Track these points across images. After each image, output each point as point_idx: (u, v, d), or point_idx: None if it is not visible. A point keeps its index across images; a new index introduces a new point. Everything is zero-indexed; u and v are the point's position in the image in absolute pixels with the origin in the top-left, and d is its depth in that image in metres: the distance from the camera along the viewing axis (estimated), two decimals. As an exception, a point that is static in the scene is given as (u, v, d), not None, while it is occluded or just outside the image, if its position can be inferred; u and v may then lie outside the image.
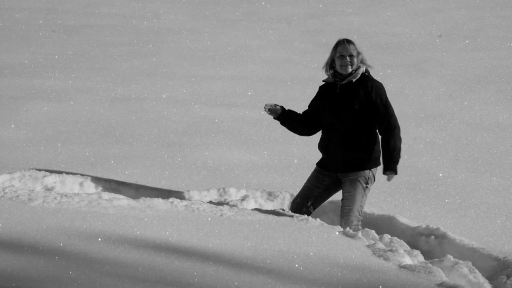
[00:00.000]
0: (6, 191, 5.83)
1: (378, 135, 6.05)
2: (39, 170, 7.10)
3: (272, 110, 6.13)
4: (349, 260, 4.94)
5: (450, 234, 6.16)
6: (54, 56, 15.05)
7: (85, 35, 17.88)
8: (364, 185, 5.99)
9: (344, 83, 5.98)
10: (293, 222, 5.70)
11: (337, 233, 5.56)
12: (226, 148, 8.80)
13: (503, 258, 5.68)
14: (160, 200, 5.93)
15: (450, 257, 5.41)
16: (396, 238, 5.80)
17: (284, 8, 23.24)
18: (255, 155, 8.58)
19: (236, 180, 7.48)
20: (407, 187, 7.58)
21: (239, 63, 15.20)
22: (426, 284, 4.64)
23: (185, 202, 5.95)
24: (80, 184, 6.99)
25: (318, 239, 5.31)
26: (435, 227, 6.28)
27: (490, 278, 5.40)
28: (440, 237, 6.16)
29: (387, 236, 5.77)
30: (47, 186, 6.85)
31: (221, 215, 5.71)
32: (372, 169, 6.03)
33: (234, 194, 7.04)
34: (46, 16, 20.25)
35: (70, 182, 6.98)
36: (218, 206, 5.98)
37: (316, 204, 6.21)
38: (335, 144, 6.04)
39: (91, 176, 7.10)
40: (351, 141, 5.97)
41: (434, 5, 23.80)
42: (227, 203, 6.69)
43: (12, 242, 4.65)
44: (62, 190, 6.82)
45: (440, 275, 4.83)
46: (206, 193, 7.01)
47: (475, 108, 11.81)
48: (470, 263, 5.39)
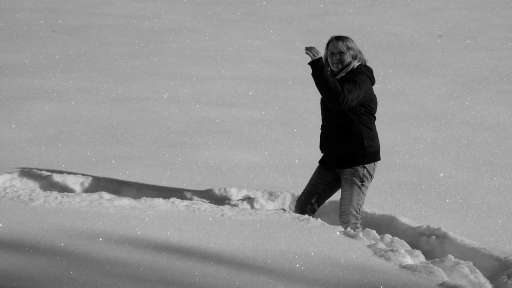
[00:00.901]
0: (7, 191, 5.83)
1: (374, 131, 6.02)
2: (40, 170, 7.11)
3: (315, 51, 5.80)
4: (350, 260, 4.94)
5: (451, 234, 6.16)
6: (55, 56, 15.06)
7: (86, 35, 17.88)
8: (360, 183, 5.98)
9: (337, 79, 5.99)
10: (294, 222, 5.70)
11: (338, 233, 5.56)
12: (227, 148, 8.80)
13: (504, 258, 5.68)
14: (161, 200, 5.93)
15: (451, 257, 5.40)
16: (397, 238, 5.80)
17: (285, 8, 23.24)
18: (256, 155, 8.58)
19: (237, 180, 7.48)
20: (408, 187, 7.58)
21: (240, 63, 15.20)
22: (427, 284, 4.64)
23: (186, 202, 5.95)
24: (81, 184, 6.99)
25: (319, 239, 5.31)
26: (436, 227, 6.28)
27: (491, 278, 5.40)
28: (441, 237, 6.16)
29: (388, 236, 5.77)
30: (48, 186, 6.85)
31: (222, 215, 5.71)
32: (367, 165, 5.99)
33: (235, 194, 7.05)
34: (47, 16, 20.26)
35: (71, 182, 6.98)
36: (219, 206, 5.98)
37: (320, 201, 6.22)
38: (328, 140, 6.06)
39: (92, 176, 7.10)
40: (342, 136, 5.96)
41: (435, 5, 23.79)
42: (228, 203, 6.70)
43: (13, 242, 4.66)
44: (63, 190, 6.82)
45: (441, 275, 4.83)
46: (207, 193, 7.02)
47: (476, 108, 11.81)
48: (471, 263, 5.39)
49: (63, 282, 4.15)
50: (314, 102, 10.47)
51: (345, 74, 5.92)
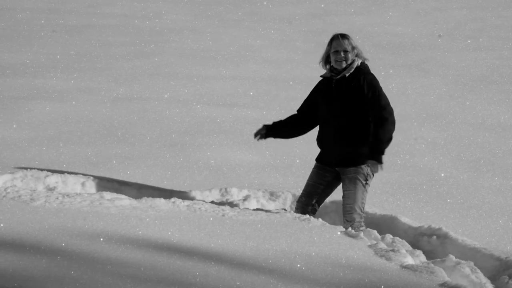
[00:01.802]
0: (8, 191, 5.83)
1: None
2: (41, 170, 7.10)
3: (257, 133, 6.29)
4: (351, 260, 4.94)
5: (452, 234, 6.16)
6: (56, 56, 15.06)
7: (87, 35, 17.88)
8: (364, 181, 5.99)
9: (338, 77, 6.01)
10: (295, 222, 5.70)
11: (339, 233, 5.56)
12: (228, 148, 8.80)
13: (505, 258, 5.68)
14: (162, 200, 5.93)
15: (452, 257, 5.40)
16: (398, 238, 5.80)
17: (286, 8, 23.24)
18: (257, 155, 8.58)
19: (238, 180, 7.48)
20: (409, 187, 7.58)
21: (241, 63, 15.20)
22: (428, 284, 4.64)
23: (187, 202, 5.95)
24: (82, 184, 6.99)
25: (320, 239, 5.31)
26: (437, 227, 6.28)
27: (492, 278, 5.40)
28: (442, 237, 6.15)
29: (389, 236, 5.77)
30: (49, 186, 6.85)
31: (223, 215, 5.71)
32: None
33: (236, 194, 7.05)
34: (48, 16, 20.26)
35: (72, 182, 6.98)
36: (220, 206, 5.98)
37: (321, 201, 6.24)
38: (330, 138, 6.06)
39: (93, 176, 7.10)
40: (346, 135, 5.97)
41: (436, 5, 23.79)
42: (229, 203, 6.70)
43: (14, 242, 4.66)
44: (64, 190, 6.82)
45: (442, 275, 4.83)
46: (208, 193, 7.02)
47: (477, 108, 11.80)
48: (472, 263, 5.39)
49: (64, 282, 4.15)
50: (315, 102, 10.45)
51: (350, 72, 5.95)
